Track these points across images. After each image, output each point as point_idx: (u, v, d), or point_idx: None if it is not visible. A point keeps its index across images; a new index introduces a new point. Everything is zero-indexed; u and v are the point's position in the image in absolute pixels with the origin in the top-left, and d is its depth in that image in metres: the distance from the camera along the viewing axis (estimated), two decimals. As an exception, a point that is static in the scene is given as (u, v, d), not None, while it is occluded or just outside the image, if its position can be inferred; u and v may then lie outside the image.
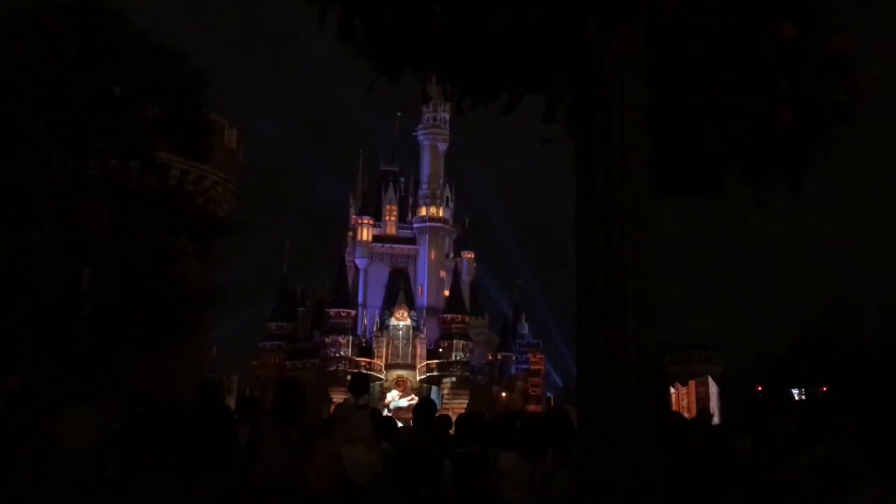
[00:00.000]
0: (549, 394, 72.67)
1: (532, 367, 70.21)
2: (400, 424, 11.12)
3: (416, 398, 47.68)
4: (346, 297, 66.39)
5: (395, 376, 64.62)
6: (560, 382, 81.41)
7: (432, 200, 71.67)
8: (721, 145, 3.76)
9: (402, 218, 72.54)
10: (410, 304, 66.73)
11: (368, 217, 70.92)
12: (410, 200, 73.31)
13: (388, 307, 66.44)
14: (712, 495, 5.28)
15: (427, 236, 71.22)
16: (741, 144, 3.76)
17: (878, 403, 2.17)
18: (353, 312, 66.19)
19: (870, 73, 3.71)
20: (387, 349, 65.20)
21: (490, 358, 69.88)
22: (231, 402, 41.53)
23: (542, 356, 72.44)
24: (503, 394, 67.15)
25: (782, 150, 3.81)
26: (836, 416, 6.38)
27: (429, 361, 65.33)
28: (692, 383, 65.46)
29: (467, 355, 65.88)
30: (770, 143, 3.76)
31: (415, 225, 71.97)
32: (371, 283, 69.93)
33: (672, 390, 64.05)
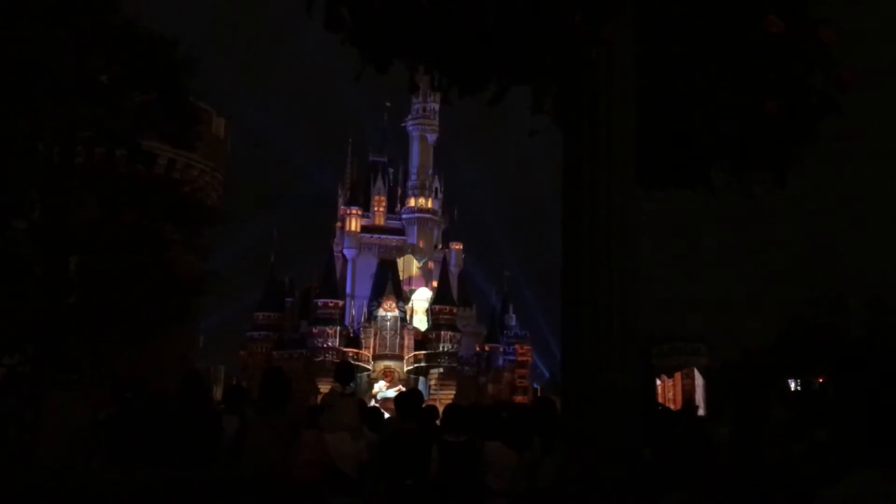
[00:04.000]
0: (535, 385, 72.91)
1: (519, 359, 70.36)
2: (387, 415, 11.14)
3: (404, 389, 47.74)
4: (333, 287, 66.30)
5: (382, 367, 64.67)
6: (547, 374, 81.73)
7: (421, 191, 71.63)
8: (708, 137, 3.78)
9: (390, 208, 72.46)
10: (398, 295, 66.73)
11: (357, 207, 70.80)
12: (399, 191, 73.23)
13: (376, 298, 66.40)
14: (696, 484, 5.33)
15: (416, 227, 71.21)
16: (728, 136, 3.78)
17: (869, 395, 2.19)
18: (340, 303, 66.12)
19: (854, 65, 3.73)
20: (374, 340, 65.20)
21: (478, 349, 69.98)
22: (218, 391, 41.47)
23: (530, 347, 72.58)
24: (490, 385, 67.31)
25: (768, 142, 3.84)
26: (831, 405, 6.44)
27: (416, 352, 65.39)
28: (678, 375, 65.87)
29: (455, 346, 65.97)
30: (756, 135, 3.78)
31: (403, 216, 71.92)
32: (359, 274, 69.86)
33: (658, 382, 64.40)
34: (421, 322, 67.46)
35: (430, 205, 71.90)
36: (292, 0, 3.25)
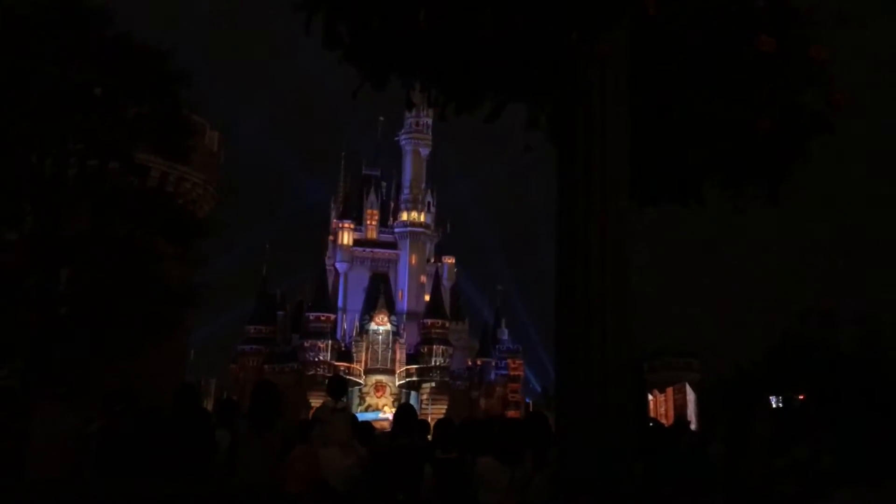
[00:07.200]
0: (528, 399, 72.77)
1: (511, 373, 70.25)
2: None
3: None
4: (326, 301, 66.16)
5: (374, 381, 64.45)
6: (539, 388, 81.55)
7: (414, 205, 71.63)
8: (701, 153, 3.81)
9: (383, 222, 72.42)
10: (390, 309, 66.60)
11: (350, 221, 70.73)
12: (392, 205, 73.21)
13: (368, 312, 66.27)
14: (688, 498, 5.33)
15: (408, 241, 71.15)
16: (721, 152, 3.81)
17: (854, 410, 2.21)
18: (332, 317, 65.97)
19: (847, 83, 3.77)
20: (366, 354, 65.03)
21: (470, 363, 69.85)
22: (209, 405, 41.25)
23: (522, 362, 72.50)
24: (482, 399, 67.14)
25: (761, 158, 3.87)
26: (813, 421, 6.47)
27: (408, 366, 65.21)
28: (670, 390, 65.76)
29: (447, 360, 65.85)
30: (749, 152, 3.81)
31: (396, 229, 71.88)
32: (351, 288, 69.72)
33: (650, 397, 64.29)
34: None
35: (422, 219, 71.89)
36: (289, 15, 3.27)
